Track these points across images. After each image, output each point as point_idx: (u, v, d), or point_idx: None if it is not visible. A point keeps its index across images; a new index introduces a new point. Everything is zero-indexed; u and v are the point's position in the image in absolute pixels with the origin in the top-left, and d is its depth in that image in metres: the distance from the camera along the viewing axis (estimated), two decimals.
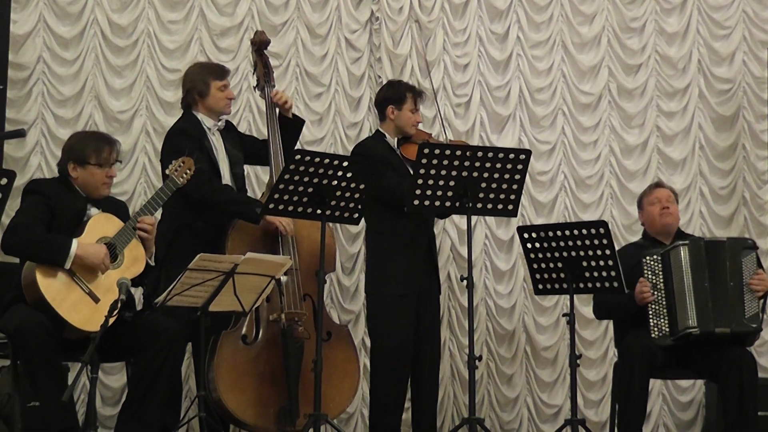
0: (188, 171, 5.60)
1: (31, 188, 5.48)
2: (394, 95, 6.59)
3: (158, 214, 5.62)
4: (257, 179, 7.31)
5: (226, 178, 6.12)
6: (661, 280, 6.04)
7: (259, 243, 5.92)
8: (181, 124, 6.15)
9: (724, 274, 6.03)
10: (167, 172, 5.57)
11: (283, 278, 5.84)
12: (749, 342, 6.12)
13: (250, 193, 7.13)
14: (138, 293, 5.89)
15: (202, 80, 6.18)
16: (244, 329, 5.84)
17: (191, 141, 5.94)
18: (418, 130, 6.62)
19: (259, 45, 6.44)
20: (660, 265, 6.06)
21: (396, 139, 6.55)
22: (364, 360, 7.05)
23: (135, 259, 5.38)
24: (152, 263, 5.49)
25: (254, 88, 6.57)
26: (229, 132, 6.29)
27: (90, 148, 5.43)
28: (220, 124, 6.21)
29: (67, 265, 5.17)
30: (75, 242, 5.20)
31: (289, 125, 6.35)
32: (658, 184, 6.65)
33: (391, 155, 6.45)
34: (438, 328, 6.60)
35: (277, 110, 6.34)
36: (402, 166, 6.41)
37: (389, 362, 6.25)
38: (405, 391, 6.48)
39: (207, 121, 6.15)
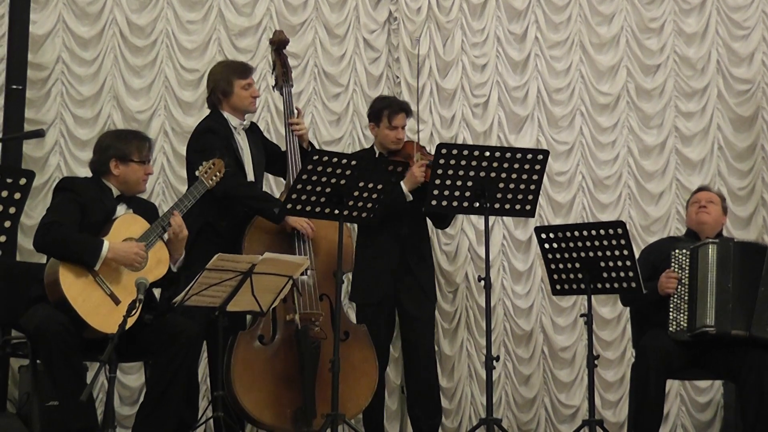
0: (218, 173, 5.63)
1: (62, 185, 5.52)
2: (372, 112, 6.69)
3: None
4: (275, 180, 7.31)
5: (251, 177, 6.13)
6: (687, 275, 6.04)
7: (276, 243, 5.93)
8: (209, 122, 6.17)
9: (757, 278, 6.00)
10: (197, 173, 5.60)
11: (303, 278, 5.85)
12: None
13: None
14: (158, 294, 5.90)
15: (225, 80, 6.20)
16: (260, 329, 5.85)
17: (219, 139, 5.96)
18: (408, 142, 6.62)
19: (278, 44, 6.45)
20: (687, 260, 6.06)
21: (379, 153, 6.59)
22: None
23: (159, 261, 5.40)
24: (174, 269, 5.49)
25: (273, 87, 6.59)
26: (253, 133, 6.31)
27: (132, 145, 5.51)
28: (245, 123, 6.23)
29: (97, 267, 5.20)
30: (107, 243, 5.22)
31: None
32: (702, 188, 6.69)
33: None
34: (425, 333, 6.60)
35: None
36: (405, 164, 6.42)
37: None
38: (379, 392, 6.50)
39: (233, 120, 6.17)
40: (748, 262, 6.05)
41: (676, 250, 6.11)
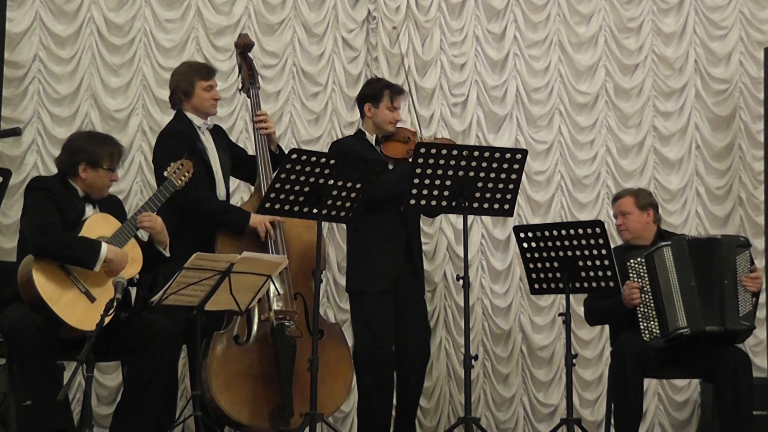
0: (187, 173, 5.61)
1: (35, 185, 5.47)
2: (371, 93, 6.55)
3: None
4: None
5: (220, 177, 6.10)
6: (647, 282, 6.04)
7: (248, 244, 5.89)
8: (174, 125, 6.14)
9: (717, 272, 6.02)
10: (165, 174, 5.57)
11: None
12: (740, 339, 6.13)
13: (238, 198, 7.11)
14: (134, 293, 5.88)
15: (186, 80, 6.16)
16: (236, 329, 5.83)
17: (184, 143, 5.91)
18: (401, 128, 6.57)
19: (243, 48, 6.41)
20: (644, 268, 6.05)
21: (375, 136, 6.51)
22: None
23: (132, 259, 5.38)
24: (167, 254, 5.51)
25: (239, 90, 6.55)
26: (218, 135, 6.26)
27: (104, 151, 5.45)
28: (209, 123, 6.20)
29: (97, 268, 5.18)
30: (105, 245, 5.21)
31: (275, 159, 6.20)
32: (614, 199, 6.60)
33: (372, 154, 6.39)
34: (422, 326, 6.49)
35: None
36: (383, 164, 6.36)
37: (373, 359, 6.22)
38: (392, 388, 6.42)
39: (197, 121, 6.13)
40: (704, 257, 6.05)
41: (631, 261, 6.08)
